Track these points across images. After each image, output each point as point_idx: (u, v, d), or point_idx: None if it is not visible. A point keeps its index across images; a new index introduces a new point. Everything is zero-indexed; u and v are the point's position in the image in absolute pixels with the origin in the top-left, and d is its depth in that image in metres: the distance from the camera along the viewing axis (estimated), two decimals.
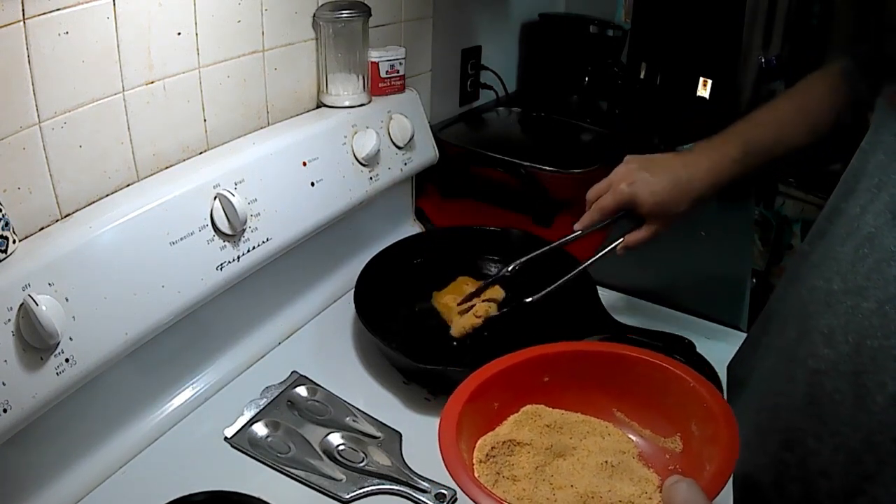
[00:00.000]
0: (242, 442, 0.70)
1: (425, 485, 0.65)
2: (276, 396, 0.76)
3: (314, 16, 0.91)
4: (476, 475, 0.51)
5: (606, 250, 0.79)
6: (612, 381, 0.59)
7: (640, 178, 0.77)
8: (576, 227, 0.83)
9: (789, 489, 0.57)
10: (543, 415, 0.58)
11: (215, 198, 0.72)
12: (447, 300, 0.91)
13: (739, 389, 0.68)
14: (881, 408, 0.50)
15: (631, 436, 0.57)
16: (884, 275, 0.52)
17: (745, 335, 0.91)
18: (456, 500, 0.65)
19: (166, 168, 0.75)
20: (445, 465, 0.49)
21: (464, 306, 0.87)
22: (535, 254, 0.86)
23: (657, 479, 0.52)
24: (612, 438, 0.56)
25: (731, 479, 0.53)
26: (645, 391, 0.58)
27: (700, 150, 0.79)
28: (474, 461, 0.53)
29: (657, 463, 0.55)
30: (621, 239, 0.79)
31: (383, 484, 0.66)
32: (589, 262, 0.79)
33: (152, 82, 0.71)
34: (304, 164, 0.85)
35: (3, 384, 0.53)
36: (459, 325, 0.86)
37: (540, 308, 0.92)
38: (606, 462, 0.53)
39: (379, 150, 0.95)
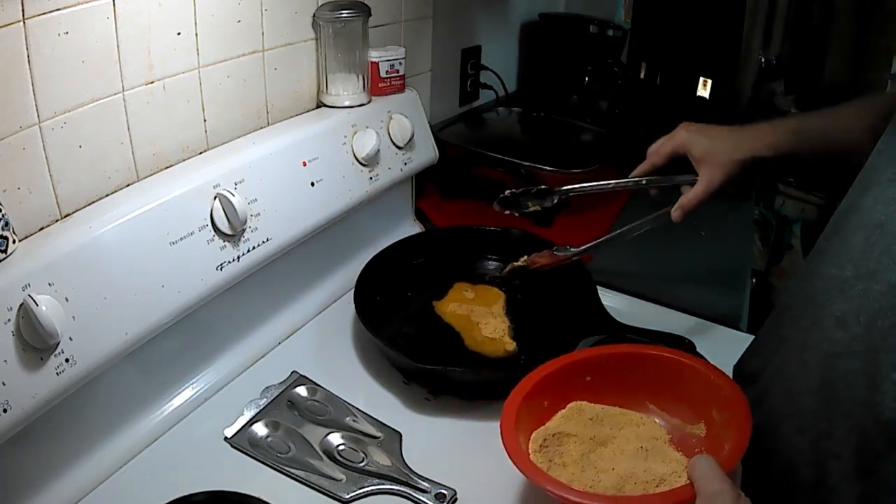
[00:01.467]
0: (242, 442, 0.70)
1: (425, 485, 0.65)
2: (276, 396, 0.76)
3: (314, 16, 0.91)
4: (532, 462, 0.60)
5: (660, 213, 0.78)
6: (645, 378, 0.69)
7: (697, 127, 0.79)
8: (631, 174, 0.82)
9: (802, 473, 0.58)
10: (587, 410, 0.68)
11: (215, 198, 0.72)
12: (452, 308, 0.90)
13: (752, 383, 0.69)
14: (894, 385, 0.51)
15: (662, 424, 0.67)
16: (893, 257, 0.53)
17: (744, 335, 0.91)
18: (456, 500, 0.65)
19: (166, 168, 0.75)
20: (509, 454, 0.59)
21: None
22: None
23: (685, 460, 0.61)
24: (646, 427, 0.66)
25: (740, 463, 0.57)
26: (673, 385, 0.67)
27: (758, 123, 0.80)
28: (529, 451, 0.63)
29: (685, 446, 0.64)
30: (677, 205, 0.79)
31: (383, 484, 0.66)
32: (642, 221, 0.78)
33: (152, 82, 0.71)
34: (304, 164, 0.85)
35: (3, 384, 0.54)
36: (475, 340, 0.85)
37: (540, 308, 0.92)
38: (641, 447, 0.63)
39: (379, 150, 0.95)
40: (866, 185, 0.61)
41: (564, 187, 0.82)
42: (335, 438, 0.71)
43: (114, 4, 0.65)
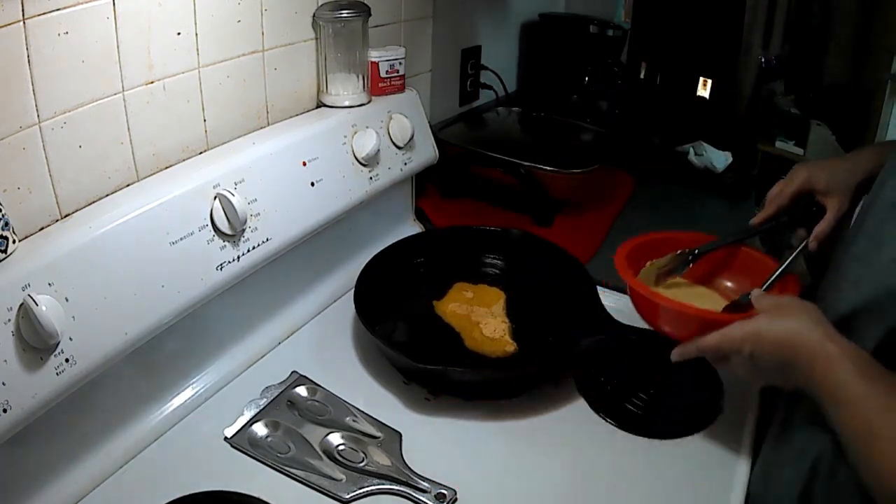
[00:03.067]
0: (242, 442, 0.70)
1: (425, 485, 0.65)
2: (276, 396, 0.76)
3: (314, 16, 0.91)
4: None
5: (799, 248, 0.79)
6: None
7: (813, 164, 0.81)
8: (752, 222, 0.83)
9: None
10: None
11: (215, 198, 0.72)
12: (452, 308, 0.90)
13: None
14: None
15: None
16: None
17: None
18: (456, 500, 0.65)
19: (166, 168, 0.75)
20: (619, 272, 0.74)
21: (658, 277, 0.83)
22: (719, 244, 0.83)
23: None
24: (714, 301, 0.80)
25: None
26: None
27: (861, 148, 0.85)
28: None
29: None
30: (811, 236, 0.79)
31: (383, 484, 0.66)
32: (783, 265, 0.77)
33: (152, 82, 0.71)
34: (304, 164, 0.85)
35: (3, 384, 0.54)
36: (475, 341, 0.85)
37: (540, 308, 0.92)
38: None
39: (379, 150, 0.95)
40: (883, 181, 0.65)
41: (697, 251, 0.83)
42: (335, 438, 0.71)
43: (114, 4, 0.65)
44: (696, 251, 0.82)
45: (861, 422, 0.53)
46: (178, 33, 0.73)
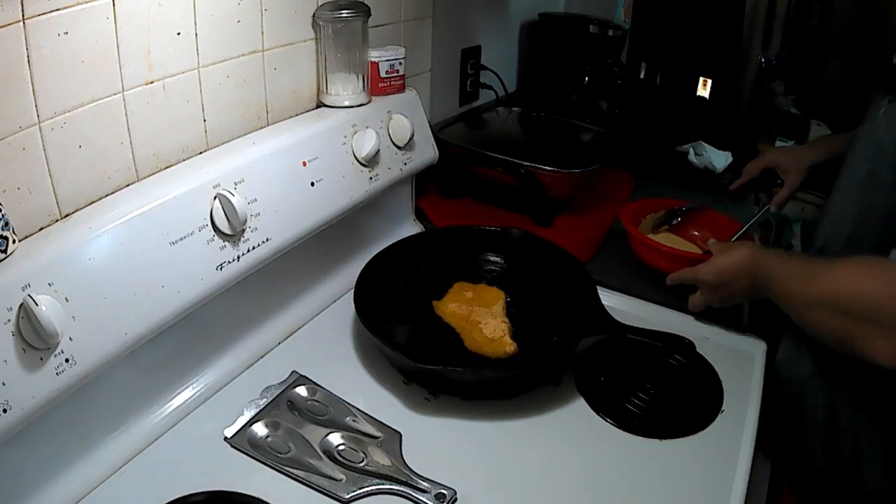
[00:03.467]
0: (242, 442, 0.70)
1: (425, 485, 0.65)
2: (276, 396, 0.76)
3: (314, 16, 0.91)
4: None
5: (762, 212, 1.07)
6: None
7: (778, 148, 1.11)
8: (730, 188, 1.13)
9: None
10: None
11: (215, 198, 0.72)
12: (452, 308, 0.90)
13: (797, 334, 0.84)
14: None
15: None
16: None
17: (744, 335, 0.91)
18: (456, 500, 0.65)
19: (166, 168, 0.75)
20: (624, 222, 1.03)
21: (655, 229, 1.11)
22: (703, 204, 1.12)
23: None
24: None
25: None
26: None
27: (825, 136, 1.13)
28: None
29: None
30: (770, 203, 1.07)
31: (383, 484, 0.66)
32: (750, 223, 1.04)
33: (152, 82, 0.71)
34: (304, 164, 0.85)
35: (3, 384, 0.54)
36: (475, 341, 0.85)
37: (540, 308, 0.92)
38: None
39: (379, 150, 0.95)
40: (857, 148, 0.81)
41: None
42: (335, 438, 0.71)
43: (114, 4, 0.65)
44: (684, 208, 1.11)
45: (796, 293, 0.72)
46: (178, 33, 0.73)
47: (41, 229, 0.63)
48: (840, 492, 0.82)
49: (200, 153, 0.80)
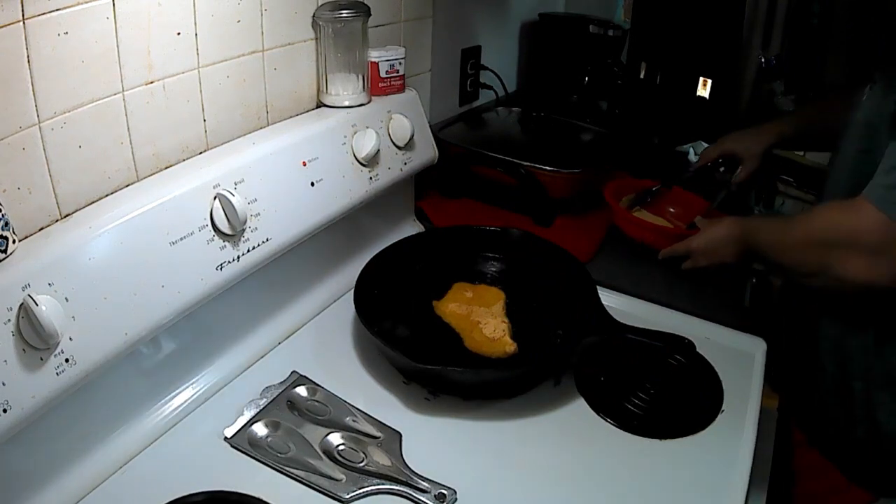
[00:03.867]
0: (242, 442, 0.70)
1: (425, 485, 0.65)
2: (276, 396, 0.76)
3: (314, 16, 0.91)
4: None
5: (723, 193, 1.18)
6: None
7: (734, 135, 1.17)
8: (690, 169, 1.25)
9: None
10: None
11: (215, 198, 0.72)
12: (452, 308, 0.90)
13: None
14: None
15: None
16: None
17: (744, 335, 0.91)
18: (456, 500, 0.65)
19: (166, 168, 0.75)
20: (610, 202, 1.13)
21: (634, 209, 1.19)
22: (670, 183, 1.22)
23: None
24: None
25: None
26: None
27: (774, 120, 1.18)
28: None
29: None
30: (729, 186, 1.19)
31: (383, 484, 0.66)
32: (716, 202, 1.16)
33: (152, 82, 0.71)
34: (304, 164, 0.85)
35: (3, 384, 0.54)
36: (475, 341, 0.85)
37: (540, 308, 0.92)
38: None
39: (379, 150, 0.95)
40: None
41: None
42: (335, 438, 0.71)
43: (114, 4, 0.65)
44: (654, 189, 1.20)
45: (779, 241, 0.83)
46: (178, 33, 0.73)
47: (41, 229, 0.63)
48: (853, 436, 0.86)
49: (200, 153, 0.80)
